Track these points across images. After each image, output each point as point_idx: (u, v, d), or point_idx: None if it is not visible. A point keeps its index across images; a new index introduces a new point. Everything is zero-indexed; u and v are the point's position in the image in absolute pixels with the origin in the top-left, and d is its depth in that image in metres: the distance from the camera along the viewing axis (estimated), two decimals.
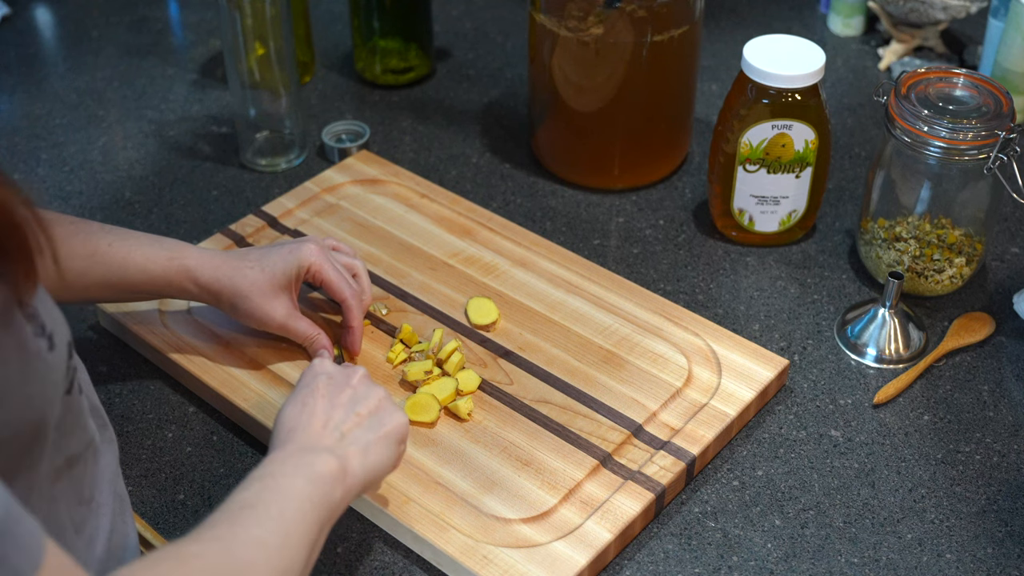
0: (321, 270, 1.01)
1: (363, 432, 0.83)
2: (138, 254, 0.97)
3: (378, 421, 0.84)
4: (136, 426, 1.02)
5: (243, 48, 1.24)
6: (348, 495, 0.79)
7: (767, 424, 1.03)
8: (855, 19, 1.55)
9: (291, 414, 0.83)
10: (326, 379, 0.87)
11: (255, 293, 0.99)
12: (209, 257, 0.99)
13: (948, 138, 1.05)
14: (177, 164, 1.34)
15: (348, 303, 1.03)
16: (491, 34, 1.58)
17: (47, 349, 0.65)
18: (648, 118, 1.26)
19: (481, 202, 1.27)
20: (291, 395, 0.86)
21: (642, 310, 1.10)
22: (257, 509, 0.72)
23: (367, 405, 0.85)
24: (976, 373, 1.08)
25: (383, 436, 0.84)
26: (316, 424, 0.82)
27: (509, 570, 0.87)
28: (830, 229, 1.24)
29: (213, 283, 0.99)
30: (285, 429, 0.82)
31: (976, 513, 0.95)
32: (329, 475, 0.77)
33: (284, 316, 1.01)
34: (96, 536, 0.74)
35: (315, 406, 0.84)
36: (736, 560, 0.92)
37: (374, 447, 0.82)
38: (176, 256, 0.98)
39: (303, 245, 1.02)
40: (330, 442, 0.81)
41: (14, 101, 1.45)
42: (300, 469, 0.76)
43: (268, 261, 1.00)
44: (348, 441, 0.82)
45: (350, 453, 0.80)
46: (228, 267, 0.99)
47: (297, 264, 1.01)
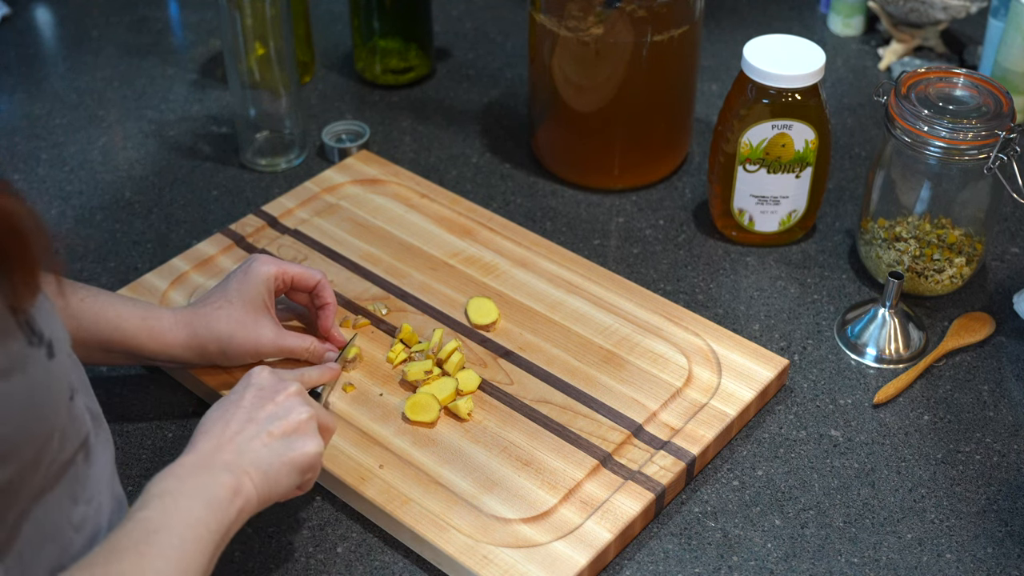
0: (284, 270, 1.01)
1: (267, 453, 0.81)
2: (111, 311, 0.96)
3: (287, 445, 0.82)
4: (136, 426, 1.02)
5: (243, 48, 1.24)
6: (242, 515, 0.78)
7: (767, 424, 1.03)
8: (855, 19, 1.55)
9: (211, 417, 0.83)
10: (255, 391, 0.85)
11: (237, 328, 0.98)
12: (180, 312, 0.98)
13: (948, 138, 1.05)
14: (177, 164, 1.34)
15: (321, 282, 1.03)
16: (491, 34, 1.58)
17: (46, 357, 0.64)
18: (648, 118, 1.26)
19: (481, 202, 1.27)
20: (220, 399, 0.86)
21: (642, 310, 1.10)
22: (160, 535, 0.72)
23: (282, 425, 0.83)
24: (976, 373, 1.08)
25: (287, 462, 0.82)
26: (225, 434, 0.81)
27: (509, 570, 0.87)
28: (830, 229, 1.24)
29: (191, 338, 0.98)
30: (199, 431, 0.82)
31: (976, 513, 0.95)
32: (225, 496, 0.77)
33: (274, 337, 1.00)
34: (96, 536, 0.75)
35: (233, 416, 0.83)
36: (736, 560, 0.92)
37: (274, 472, 0.81)
38: (149, 316, 0.97)
39: (254, 262, 1.01)
40: (229, 457, 0.79)
41: (14, 101, 1.45)
42: (198, 491, 0.76)
43: (232, 291, 1.00)
44: (247, 459, 0.80)
45: (248, 472, 0.79)
46: (200, 317, 0.98)
47: (262, 279, 1.00)
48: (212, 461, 0.79)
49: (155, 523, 0.73)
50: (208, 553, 0.74)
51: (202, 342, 0.98)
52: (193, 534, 0.73)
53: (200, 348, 0.98)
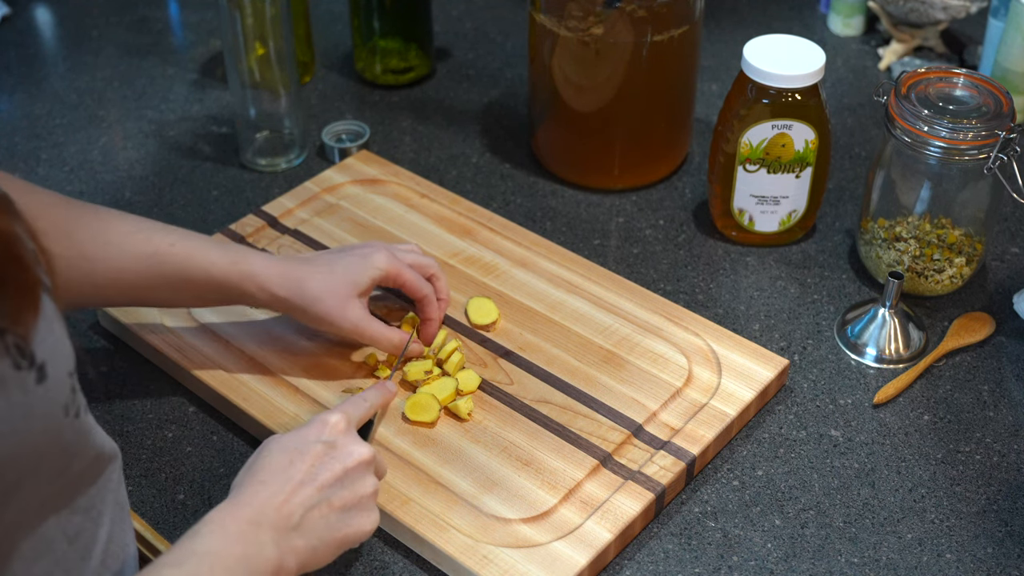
0: (400, 273, 1.02)
1: (322, 527, 0.78)
2: (200, 256, 0.95)
3: (345, 520, 0.80)
4: (136, 426, 1.02)
5: (243, 48, 1.24)
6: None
7: (767, 424, 1.03)
8: (855, 19, 1.55)
9: (271, 466, 0.79)
10: (324, 448, 0.81)
11: (328, 296, 0.98)
12: (275, 263, 0.98)
13: (948, 138, 1.05)
14: (177, 164, 1.34)
15: (428, 298, 1.04)
16: (491, 34, 1.58)
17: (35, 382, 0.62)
18: (648, 118, 1.26)
19: (481, 202, 1.27)
20: (285, 439, 0.82)
21: (642, 310, 1.10)
22: None
23: (345, 497, 0.80)
24: (976, 373, 1.08)
25: (340, 539, 0.80)
26: (284, 493, 0.78)
27: (509, 570, 0.87)
28: (830, 229, 1.24)
29: (280, 289, 0.97)
30: (257, 480, 0.78)
31: (976, 513, 0.95)
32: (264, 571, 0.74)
33: (358, 319, 0.99)
34: (93, 545, 0.73)
35: (296, 472, 0.79)
36: (736, 560, 0.92)
37: (323, 549, 0.79)
38: (240, 260, 0.97)
39: (376, 251, 1.02)
40: (285, 525, 0.77)
41: (14, 101, 1.45)
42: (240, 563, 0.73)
43: (339, 266, 1.00)
44: (300, 533, 0.77)
45: (295, 549, 0.77)
46: (295, 272, 0.98)
47: (372, 270, 1.00)
48: (262, 520, 0.76)
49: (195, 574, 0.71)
50: None
51: (289, 295, 0.98)
52: None
53: (285, 300, 0.98)
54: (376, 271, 1.01)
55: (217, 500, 0.95)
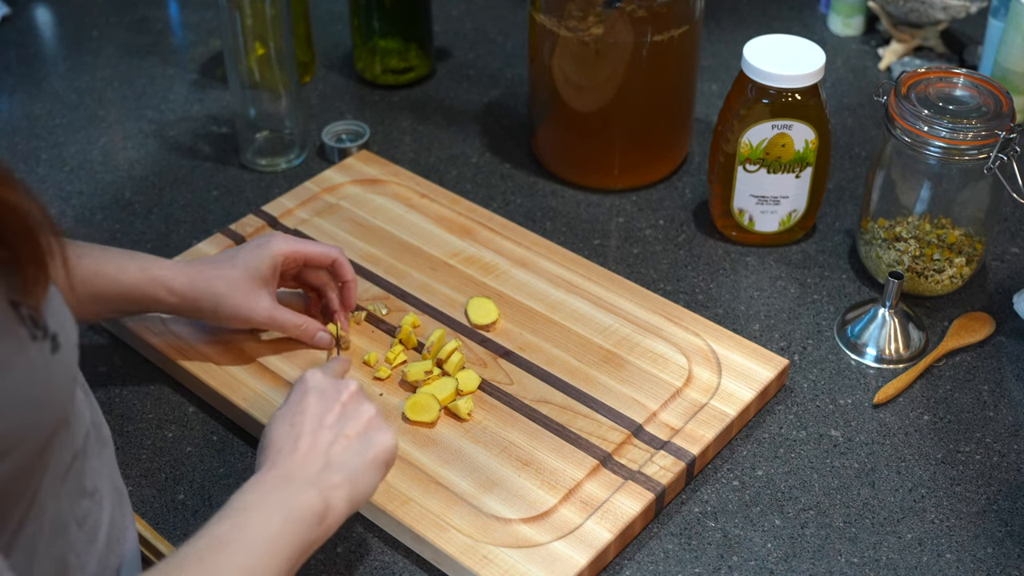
0: (297, 249, 1.03)
1: (351, 455, 0.80)
2: (110, 266, 0.97)
3: (366, 442, 0.81)
4: (136, 426, 1.02)
5: (243, 48, 1.24)
6: (327, 532, 0.77)
7: (767, 424, 1.03)
8: (855, 19, 1.55)
9: (278, 433, 0.81)
10: (316, 395, 0.84)
11: (233, 291, 1.00)
12: (181, 267, 1.00)
13: (948, 138, 1.05)
14: (177, 164, 1.34)
15: (339, 259, 1.04)
16: (491, 34, 1.58)
17: (50, 351, 0.65)
18: (648, 118, 1.26)
19: (481, 202, 1.27)
20: (280, 410, 0.84)
21: (642, 310, 1.10)
22: (230, 549, 0.71)
23: (355, 425, 0.82)
24: (976, 373, 1.08)
25: (371, 461, 0.80)
26: (302, 447, 0.79)
27: (509, 570, 0.87)
28: (830, 229, 1.24)
29: (189, 290, 0.99)
30: (272, 449, 0.80)
31: (976, 513, 0.95)
32: (310, 514, 0.75)
33: (268, 309, 1.02)
34: (98, 529, 0.74)
35: (302, 426, 0.81)
36: (736, 560, 0.92)
37: (362, 474, 0.80)
38: (148, 267, 0.98)
39: (271, 238, 1.03)
40: (315, 469, 0.78)
41: (14, 101, 1.45)
42: (279, 507, 0.74)
43: (239, 259, 1.01)
44: (334, 468, 0.78)
45: (335, 485, 0.77)
46: (202, 274, 1.00)
47: (270, 256, 1.01)
48: (295, 475, 0.77)
49: (226, 536, 0.71)
50: (282, 569, 0.72)
51: (198, 296, 0.99)
52: (266, 548, 0.72)
53: (194, 302, 1.00)
54: (275, 255, 1.02)
55: (217, 500, 0.95)
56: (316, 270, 1.06)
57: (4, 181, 0.59)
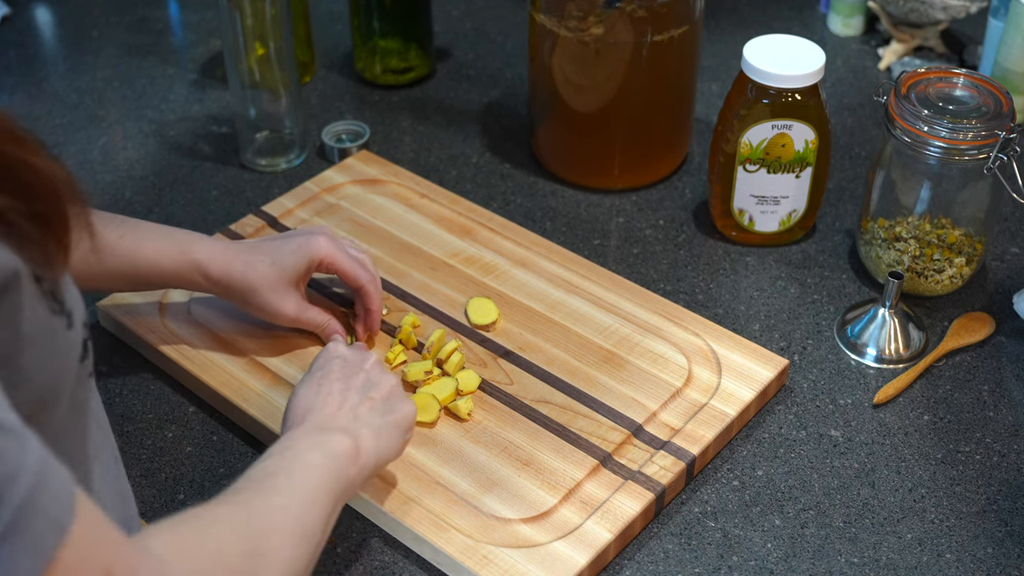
0: (335, 260, 1.03)
1: (375, 416, 0.85)
2: (149, 247, 0.98)
3: (389, 407, 0.87)
4: (136, 426, 1.02)
5: (243, 48, 1.24)
6: (361, 475, 0.81)
7: (767, 424, 1.03)
8: (855, 19, 1.55)
9: (306, 395, 0.86)
10: (341, 362, 0.89)
11: (266, 288, 1.01)
12: (220, 250, 1.00)
13: (948, 138, 1.05)
14: (177, 164, 1.34)
15: (366, 288, 1.04)
16: (491, 34, 1.58)
17: (66, 327, 0.64)
18: (648, 118, 1.26)
19: (481, 202, 1.27)
20: (305, 376, 0.88)
21: (642, 310, 1.10)
22: (279, 478, 0.75)
23: (379, 390, 0.87)
24: (976, 373, 1.08)
25: (393, 423, 0.86)
26: (331, 405, 0.84)
27: (509, 570, 0.87)
28: (830, 229, 1.24)
29: (224, 278, 1.00)
30: (301, 409, 0.84)
31: (976, 513, 0.95)
32: (344, 453, 0.79)
33: (295, 309, 1.03)
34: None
35: (330, 387, 0.86)
36: (736, 560, 0.92)
37: (385, 432, 0.84)
38: (187, 250, 0.99)
39: (314, 238, 1.03)
40: (344, 422, 0.83)
41: (14, 101, 1.45)
42: (317, 446, 0.79)
43: (279, 255, 1.02)
44: (361, 423, 0.83)
45: (363, 435, 0.82)
46: (239, 262, 1.00)
47: (308, 258, 1.02)
48: (328, 426, 0.82)
49: (273, 468, 0.76)
50: (328, 502, 0.76)
51: (230, 284, 1.00)
52: (313, 479, 0.76)
53: (226, 288, 1.01)
54: (314, 255, 1.02)
55: None
56: None
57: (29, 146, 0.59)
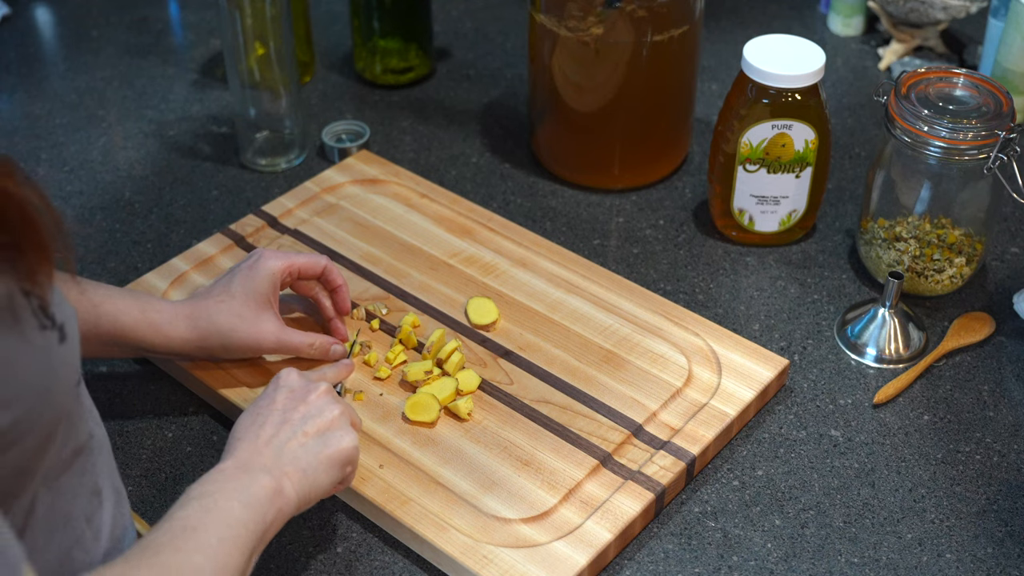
0: (291, 263, 1.02)
1: (304, 452, 0.83)
2: (110, 305, 0.95)
3: (323, 442, 0.84)
4: (136, 426, 1.02)
5: (243, 48, 1.24)
6: (280, 515, 0.79)
7: (767, 424, 1.03)
8: (855, 19, 1.55)
9: (244, 424, 0.84)
10: (286, 392, 0.87)
11: (238, 321, 0.98)
12: (180, 307, 0.98)
13: (948, 138, 1.05)
14: (177, 164, 1.34)
15: (327, 267, 1.04)
16: (491, 34, 1.58)
17: (58, 342, 0.65)
18: (648, 118, 1.26)
19: (481, 202, 1.27)
20: (252, 403, 0.87)
21: (642, 310, 1.10)
22: (198, 533, 0.73)
23: (317, 424, 0.85)
24: (976, 373, 1.08)
25: (324, 459, 0.83)
26: (261, 438, 0.82)
27: (509, 570, 0.87)
28: (830, 229, 1.24)
29: (192, 330, 0.97)
30: (234, 438, 0.83)
31: (976, 513, 0.95)
32: (264, 497, 0.78)
33: (276, 334, 1.00)
34: (102, 528, 0.75)
35: (267, 419, 0.84)
36: (736, 560, 0.92)
37: (314, 472, 0.82)
38: (149, 309, 0.97)
39: (260, 258, 1.01)
40: (268, 460, 0.81)
41: (14, 101, 1.45)
42: (237, 492, 0.77)
43: (235, 286, 0.99)
44: (285, 460, 0.81)
45: (287, 473, 0.80)
46: (200, 309, 0.98)
47: (267, 274, 1.00)
48: (251, 464, 0.80)
49: (193, 521, 0.74)
50: (246, 553, 0.75)
51: (203, 335, 0.98)
52: (231, 533, 0.74)
53: (201, 341, 0.98)
54: (272, 273, 1.00)
55: None
56: (307, 281, 1.05)
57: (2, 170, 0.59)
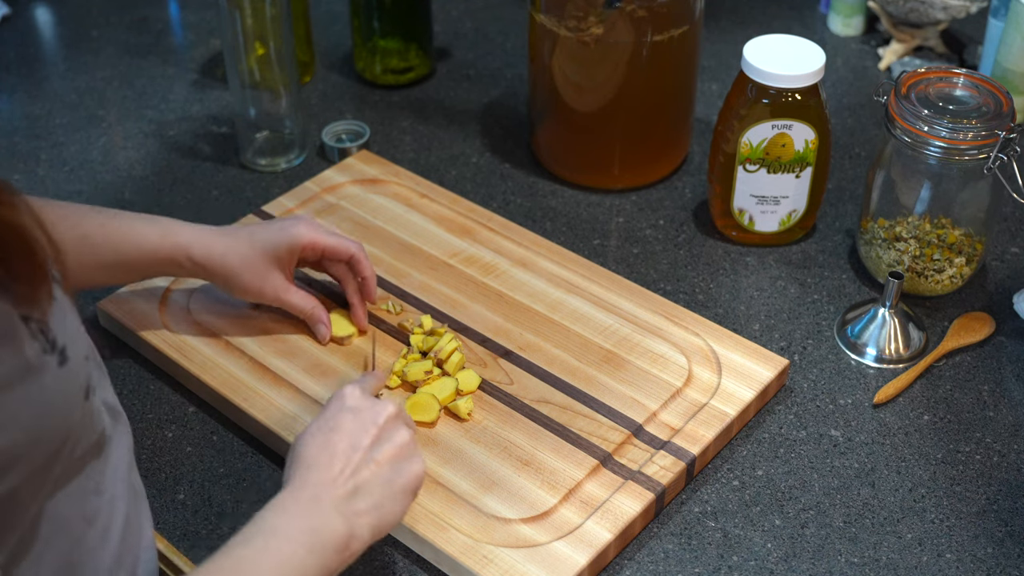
0: (317, 240, 1.03)
1: (379, 486, 0.79)
2: (131, 233, 0.98)
3: (396, 471, 0.81)
4: (136, 426, 1.02)
5: (243, 48, 1.24)
6: (349, 559, 0.77)
7: (767, 424, 1.03)
8: (855, 19, 1.55)
9: (311, 449, 0.80)
10: (352, 416, 0.82)
11: (246, 269, 1.01)
12: (201, 234, 1.01)
13: (948, 138, 1.05)
14: (177, 164, 1.34)
15: (356, 256, 1.05)
16: (491, 34, 1.58)
17: (57, 365, 0.64)
18: (648, 118, 1.26)
19: (481, 202, 1.27)
20: (314, 424, 0.82)
21: (642, 310, 1.10)
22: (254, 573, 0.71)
23: (388, 451, 0.81)
24: (976, 373, 1.08)
25: (399, 489, 0.80)
26: (335, 467, 0.79)
27: (509, 570, 0.87)
28: (830, 229, 1.24)
29: (206, 261, 1.01)
30: (303, 466, 0.79)
31: (976, 513, 0.95)
32: (334, 543, 0.75)
33: (277, 289, 1.03)
34: (110, 527, 0.74)
35: (336, 446, 0.80)
36: (736, 560, 0.92)
37: (388, 504, 0.79)
38: (169, 234, 1.00)
39: (295, 223, 1.04)
40: (343, 493, 0.78)
41: (14, 101, 1.45)
42: (305, 535, 0.74)
43: (258, 237, 1.02)
44: (361, 496, 0.78)
45: (360, 513, 0.78)
46: (220, 244, 1.01)
47: (288, 240, 1.02)
48: (323, 497, 0.77)
49: (253, 559, 0.72)
50: None
51: (212, 267, 1.01)
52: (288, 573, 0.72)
53: (208, 271, 1.02)
54: (295, 241, 1.03)
55: (217, 500, 0.95)
56: (336, 262, 1.07)
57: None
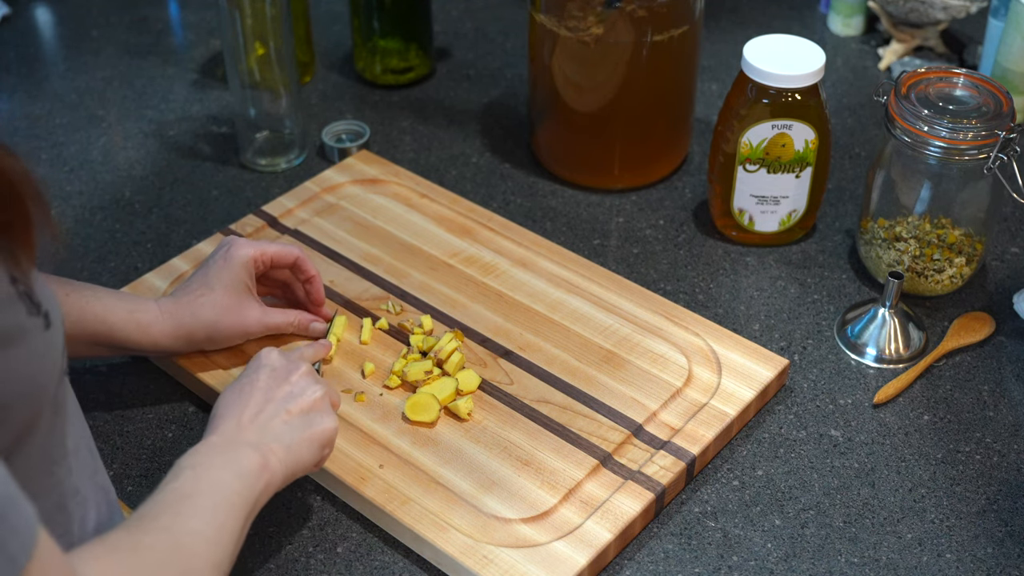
0: (263, 251, 1.03)
1: (288, 430, 0.84)
2: (97, 306, 0.96)
3: (306, 422, 0.86)
4: (136, 426, 1.02)
5: (243, 48, 1.24)
6: (268, 489, 0.81)
7: (767, 424, 1.03)
8: (855, 19, 1.55)
9: (227, 401, 0.86)
10: (268, 371, 0.88)
11: (223, 314, 1.00)
12: (164, 305, 1.00)
13: (948, 138, 1.05)
14: (177, 164, 1.34)
15: (300, 258, 1.05)
16: (491, 34, 1.58)
17: (44, 327, 0.65)
18: (648, 118, 1.26)
19: (481, 202, 1.27)
20: (234, 381, 0.88)
21: (642, 310, 1.10)
22: (194, 499, 0.75)
23: (300, 403, 0.86)
24: (976, 373, 1.08)
25: (307, 438, 0.85)
26: (246, 416, 0.84)
27: (509, 570, 0.87)
28: (830, 229, 1.24)
29: (178, 328, 0.99)
30: (217, 416, 0.84)
31: (976, 513, 0.95)
32: (252, 469, 0.80)
33: (260, 317, 1.03)
34: (85, 526, 0.74)
35: (250, 397, 0.85)
36: (736, 560, 0.92)
37: (296, 446, 0.84)
38: (136, 309, 0.98)
39: (231, 247, 1.02)
40: (253, 436, 0.82)
41: (14, 101, 1.45)
42: (228, 464, 0.79)
43: (212, 278, 1.01)
44: (270, 437, 0.83)
45: (272, 449, 0.82)
46: (183, 306, 1.00)
47: (239, 262, 1.02)
48: (237, 439, 0.82)
49: (187, 489, 0.75)
50: (240, 520, 0.76)
51: (189, 330, 1.00)
52: (225, 500, 0.76)
53: (188, 336, 1.00)
54: (245, 258, 1.02)
55: None
56: (280, 269, 1.07)
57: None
